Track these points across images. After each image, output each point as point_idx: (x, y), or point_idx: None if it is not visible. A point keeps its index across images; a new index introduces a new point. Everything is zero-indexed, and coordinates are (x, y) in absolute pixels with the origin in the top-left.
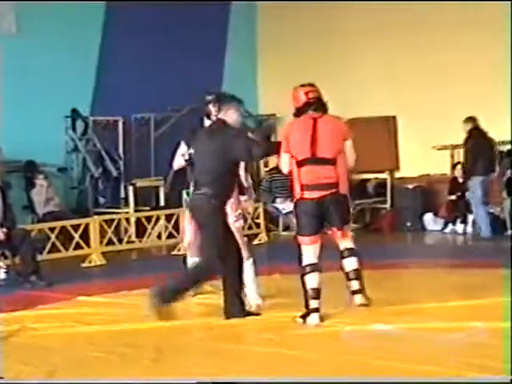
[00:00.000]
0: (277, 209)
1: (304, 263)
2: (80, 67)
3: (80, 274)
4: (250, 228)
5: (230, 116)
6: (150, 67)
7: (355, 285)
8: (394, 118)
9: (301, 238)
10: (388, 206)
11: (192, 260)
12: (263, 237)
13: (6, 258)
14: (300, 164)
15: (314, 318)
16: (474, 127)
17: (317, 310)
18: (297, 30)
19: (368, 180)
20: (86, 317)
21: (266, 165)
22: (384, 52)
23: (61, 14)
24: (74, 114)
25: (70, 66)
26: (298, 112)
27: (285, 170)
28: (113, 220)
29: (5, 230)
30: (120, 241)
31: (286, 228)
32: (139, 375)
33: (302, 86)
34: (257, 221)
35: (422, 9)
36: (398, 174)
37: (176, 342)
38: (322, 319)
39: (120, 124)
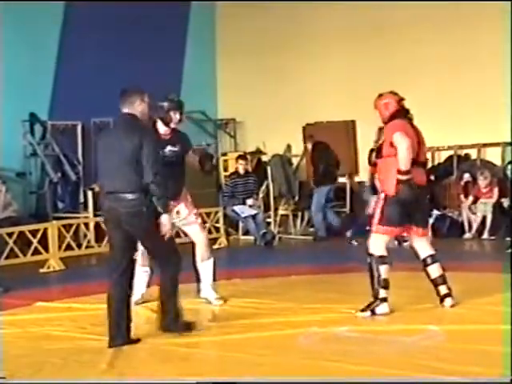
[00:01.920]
0: (236, 213)
1: (379, 254)
2: (38, 70)
3: (38, 279)
4: (209, 232)
5: (136, 109)
6: (108, 70)
7: (443, 289)
8: (353, 122)
9: (384, 228)
10: (347, 209)
11: (142, 269)
12: (223, 241)
13: None
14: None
15: (384, 307)
16: (316, 142)
17: (386, 299)
18: (257, 32)
19: None
20: (44, 322)
21: (225, 169)
22: (345, 55)
23: (19, 15)
24: (32, 119)
25: (28, 70)
26: (392, 118)
27: (409, 157)
28: (71, 225)
29: None
30: (79, 246)
31: (246, 232)
32: (96, 379)
33: (393, 93)
34: (216, 225)
35: (386, 9)
36: (357, 178)
37: (132, 347)
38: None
39: (79, 128)
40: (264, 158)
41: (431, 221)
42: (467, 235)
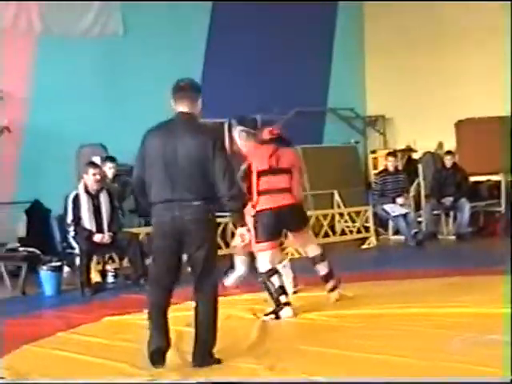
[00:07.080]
0: (386, 212)
1: (265, 269)
2: (186, 68)
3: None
4: (359, 231)
5: (199, 107)
6: (256, 68)
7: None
8: (508, 117)
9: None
10: (502, 208)
11: None
12: (372, 241)
13: (113, 261)
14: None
15: (287, 311)
16: None
17: (289, 303)
18: (406, 30)
19: (481, 182)
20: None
21: (374, 167)
22: (498, 49)
23: (166, 16)
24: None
25: (176, 67)
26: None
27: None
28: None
29: (111, 233)
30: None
31: (396, 232)
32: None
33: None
34: (366, 224)
35: None
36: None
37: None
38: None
39: (225, 125)
40: (415, 156)
41: None
42: None
